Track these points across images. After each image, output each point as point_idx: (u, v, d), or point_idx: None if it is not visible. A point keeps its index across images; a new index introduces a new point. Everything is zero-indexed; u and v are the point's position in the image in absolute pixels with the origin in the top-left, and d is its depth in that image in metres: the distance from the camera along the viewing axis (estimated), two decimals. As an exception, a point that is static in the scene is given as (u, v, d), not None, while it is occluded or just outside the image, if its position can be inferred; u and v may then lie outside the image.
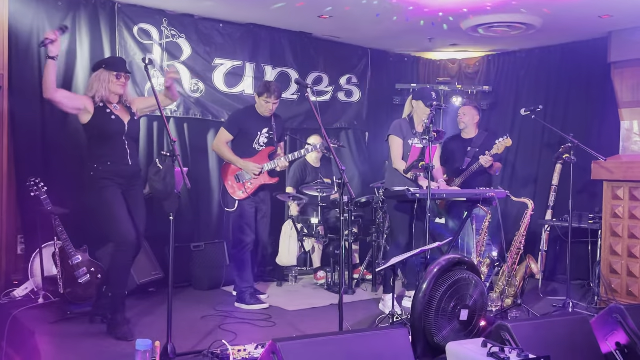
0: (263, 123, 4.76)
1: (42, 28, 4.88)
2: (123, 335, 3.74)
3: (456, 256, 3.48)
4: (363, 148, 6.92)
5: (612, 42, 5.60)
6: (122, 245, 3.83)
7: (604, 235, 5.00)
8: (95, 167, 3.86)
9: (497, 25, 5.39)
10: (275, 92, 4.64)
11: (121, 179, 3.91)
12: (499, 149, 5.00)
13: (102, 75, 3.89)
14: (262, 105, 4.68)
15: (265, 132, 4.75)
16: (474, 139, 5.40)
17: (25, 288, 4.63)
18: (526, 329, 3.13)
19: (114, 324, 3.81)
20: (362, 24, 5.73)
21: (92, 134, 3.91)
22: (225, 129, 4.77)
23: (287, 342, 2.70)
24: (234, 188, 4.71)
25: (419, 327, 3.22)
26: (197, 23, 5.64)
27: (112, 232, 3.85)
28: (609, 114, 5.84)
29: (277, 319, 4.37)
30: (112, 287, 3.89)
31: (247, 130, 4.72)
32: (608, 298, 4.87)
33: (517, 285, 4.54)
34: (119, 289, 3.88)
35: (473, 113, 5.46)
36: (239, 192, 4.70)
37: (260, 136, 4.73)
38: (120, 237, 3.82)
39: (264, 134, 4.74)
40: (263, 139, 4.74)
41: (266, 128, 4.76)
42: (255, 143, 4.73)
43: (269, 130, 4.76)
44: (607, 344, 3.34)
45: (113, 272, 3.92)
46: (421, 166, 4.15)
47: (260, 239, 4.90)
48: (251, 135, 4.71)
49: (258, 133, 4.72)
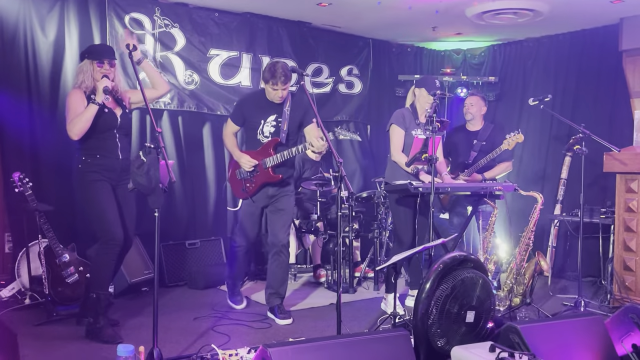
0: (270, 109, 4.10)
1: (29, 19, 4.73)
2: (110, 338, 3.57)
3: (461, 253, 3.26)
4: (365, 141, 6.71)
5: (624, 29, 5.39)
6: (109, 243, 3.66)
7: (617, 230, 4.78)
8: (84, 159, 3.69)
9: (503, 12, 5.18)
10: (282, 76, 3.93)
11: (111, 173, 3.75)
12: (509, 145, 4.76)
13: (85, 66, 3.70)
14: (270, 92, 4.03)
15: (271, 120, 4.10)
16: (480, 132, 5.17)
17: (12, 288, 4.46)
18: (537, 330, 2.95)
19: (97, 327, 3.62)
20: (363, 12, 5.52)
21: None
22: (230, 119, 4.27)
23: (279, 348, 2.52)
24: (236, 186, 4.26)
25: (422, 330, 3.02)
26: (192, 12, 5.44)
27: (98, 228, 3.68)
28: (621, 104, 5.64)
29: (274, 320, 4.17)
30: (96, 287, 3.68)
31: (251, 118, 4.13)
32: (622, 296, 4.65)
33: (526, 284, 4.33)
34: (103, 289, 3.69)
35: (480, 104, 5.21)
36: (240, 189, 4.22)
37: (265, 125, 4.10)
38: (106, 233, 3.65)
39: (269, 122, 4.09)
40: (269, 129, 4.10)
41: (273, 115, 4.10)
42: (259, 133, 4.12)
43: (277, 117, 4.10)
44: (623, 345, 3.17)
45: (97, 271, 3.74)
46: (424, 158, 3.93)
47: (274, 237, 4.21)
48: (254, 123, 4.12)
49: (262, 121, 4.09)
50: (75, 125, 3.57)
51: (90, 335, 3.64)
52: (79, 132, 3.58)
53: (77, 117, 3.58)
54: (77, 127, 3.57)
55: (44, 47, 4.79)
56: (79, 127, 3.57)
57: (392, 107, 6.69)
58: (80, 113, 3.58)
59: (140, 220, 4.87)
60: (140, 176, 3.06)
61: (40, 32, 4.77)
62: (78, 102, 3.64)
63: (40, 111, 4.76)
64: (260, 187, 4.16)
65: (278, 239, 4.18)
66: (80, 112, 3.59)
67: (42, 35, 4.77)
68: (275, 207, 4.22)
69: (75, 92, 3.69)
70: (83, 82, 3.69)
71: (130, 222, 3.88)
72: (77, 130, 3.57)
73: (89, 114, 3.57)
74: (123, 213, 3.80)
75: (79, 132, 3.58)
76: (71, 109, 3.64)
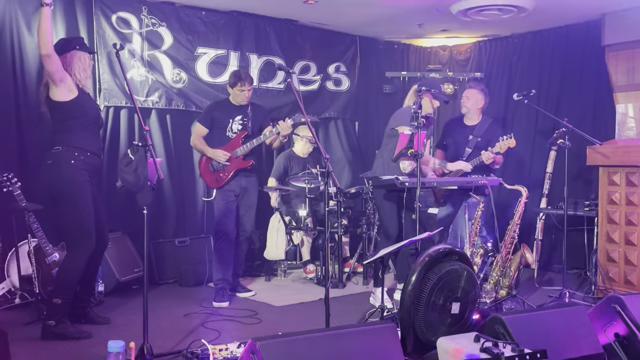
0: (236, 110, 4.69)
1: (15, 18, 4.71)
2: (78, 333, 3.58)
3: (446, 246, 3.32)
4: (353, 138, 6.75)
5: (606, 24, 5.45)
6: (81, 249, 3.60)
7: (601, 222, 4.86)
8: (76, 155, 3.62)
9: (487, 8, 5.22)
10: (248, 77, 4.63)
11: (94, 173, 3.74)
12: (501, 148, 4.70)
13: (82, 56, 3.66)
14: (238, 95, 4.62)
15: (238, 119, 4.67)
16: (477, 127, 5.02)
17: (2, 288, 4.45)
18: (521, 321, 3.00)
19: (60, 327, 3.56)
20: (349, 9, 5.55)
21: (73, 115, 3.64)
22: (199, 123, 4.73)
23: (268, 341, 2.54)
24: (210, 177, 4.66)
25: (408, 322, 3.07)
26: (179, 10, 5.45)
27: (76, 231, 3.60)
28: (604, 98, 5.71)
29: (263, 315, 4.22)
30: (62, 293, 3.57)
31: (220, 119, 4.67)
32: (605, 287, 4.73)
33: (512, 276, 4.39)
34: (69, 294, 3.62)
35: (478, 97, 5.00)
36: (215, 179, 4.64)
37: (233, 123, 4.66)
38: (82, 238, 3.60)
39: (237, 121, 4.66)
40: (236, 126, 4.66)
41: (239, 115, 4.68)
42: (229, 131, 4.66)
43: (243, 117, 4.68)
44: (606, 335, 3.21)
45: (65, 276, 3.63)
46: (410, 154, 3.98)
47: (245, 232, 4.79)
48: (223, 123, 4.66)
49: (230, 121, 4.66)
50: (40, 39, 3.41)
51: (51, 336, 3.55)
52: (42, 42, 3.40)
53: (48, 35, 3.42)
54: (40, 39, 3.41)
55: (30, 46, 4.77)
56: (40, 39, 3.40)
57: (380, 104, 6.78)
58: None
59: (129, 218, 4.91)
60: (129, 174, 3.08)
61: (26, 31, 4.75)
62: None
63: (27, 109, 4.75)
64: (233, 175, 4.63)
65: (246, 230, 4.81)
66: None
67: (28, 35, 4.76)
68: (244, 203, 4.74)
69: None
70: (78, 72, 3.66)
71: (104, 221, 3.87)
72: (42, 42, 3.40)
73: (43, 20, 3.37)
74: (98, 212, 3.75)
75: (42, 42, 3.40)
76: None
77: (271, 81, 6.03)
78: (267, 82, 6.01)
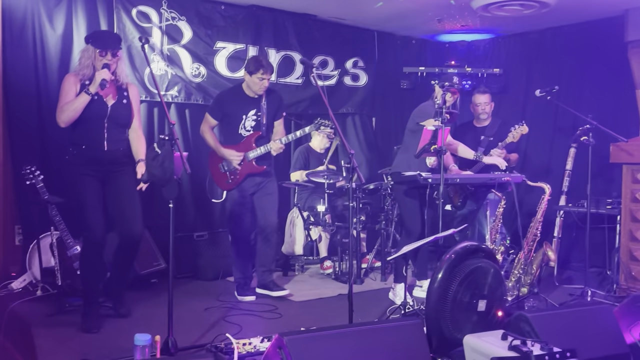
0: (250, 104, 4.35)
1: (37, 12, 4.73)
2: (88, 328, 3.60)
3: (473, 243, 3.29)
4: (370, 134, 6.72)
5: (629, 20, 5.37)
6: (86, 241, 3.62)
7: (624, 220, 4.81)
8: (70, 150, 3.64)
9: (509, 3, 5.17)
10: (270, 66, 4.28)
11: (97, 166, 3.65)
12: (514, 137, 4.77)
13: (87, 52, 3.62)
14: (256, 83, 4.25)
15: (252, 114, 4.35)
16: (488, 127, 5.15)
17: (23, 280, 4.48)
18: (546, 319, 2.99)
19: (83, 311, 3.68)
20: (368, 4, 5.52)
21: None
22: (208, 114, 4.43)
23: (295, 336, 2.55)
24: (220, 178, 4.43)
25: (434, 319, 3.05)
26: (198, 5, 5.45)
27: (79, 224, 3.64)
28: (626, 96, 5.63)
29: (284, 310, 4.21)
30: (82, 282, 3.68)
31: (232, 114, 4.35)
32: (628, 286, 4.68)
33: (534, 274, 4.36)
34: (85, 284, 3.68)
35: (491, 101, 5.29)
36: (225, 182, 4.41)
37: (246, 120, 4.34)
38: (84, 231, 3.62)
39: (250, 117, 4.34)
40: (250, 123, 4.35)
41: (253, 110, 4.35)
42: (241, 128, 4.35)
43: (257, 111, 4.35)
44: (631, 334, 3.19)
45: (81, 272, 3.72)
46: (433, 150, 3.96)
47: (269, 225, 4.46)
48: (236, 118, 4.34)
49: (243, 116, 4.34)
50: (64, 112, 3.49)
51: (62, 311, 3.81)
52: (66, 120, 3.50)
53: (66, 105, 3.50)
54: (65, 114, 3.49)
55: (52, 40, 4.80)
56: (66, 115, 3.49)
57: (397, 99, 6.74)
58: (71, 101, 3.49)
59: (149, 212, 4.90)
60: (155, 168, 3.08)
61: (48, 25, 4.78)
62: (70, 88, 3.54)
63: (49, 103, 4.75)
64: (245, 177, 4.38)
65: (269, 221, 4.41)
66: (71, 100, 3.51)
67: (50, 29, 4.78)
68: (263, 192, 4.44)
69: (69, 78, 3.60)
70: (82, 68, 3.60)
71: (132, 214, 3.73)
72: (64, 117, 3.50)
73: (78, 104, 3.48)
74: (122, 206, 3.70)
75: (66, 120, 3.50)
76: (62, 94, 3.55)
77: (289, 76, 6.02)
78: (285, 77, 5.99)
